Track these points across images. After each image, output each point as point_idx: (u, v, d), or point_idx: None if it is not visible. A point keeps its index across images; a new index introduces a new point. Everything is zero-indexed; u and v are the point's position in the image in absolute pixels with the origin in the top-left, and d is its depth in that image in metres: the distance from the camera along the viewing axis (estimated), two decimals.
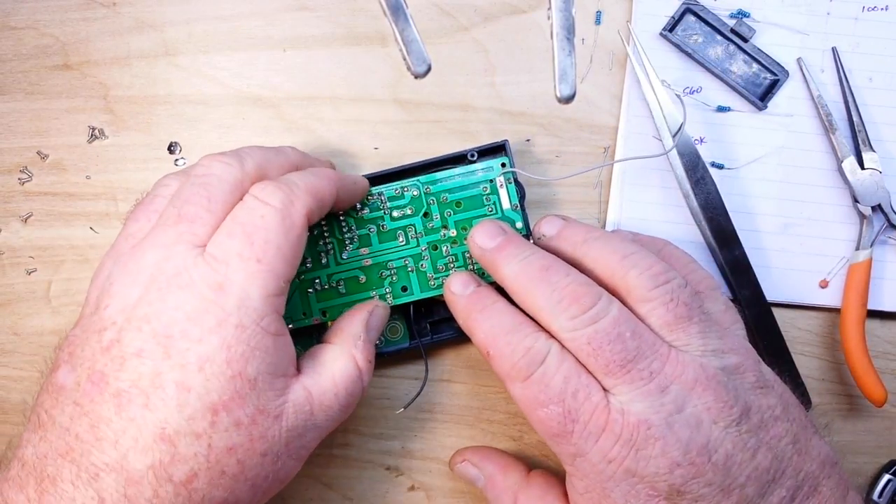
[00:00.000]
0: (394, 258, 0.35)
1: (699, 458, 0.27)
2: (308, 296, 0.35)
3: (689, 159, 0.37)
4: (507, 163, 0.35)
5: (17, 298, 0.38)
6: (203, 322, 0.27)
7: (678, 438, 0.27)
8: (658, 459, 0.27)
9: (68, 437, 0.26)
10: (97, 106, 0.38)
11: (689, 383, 0.28)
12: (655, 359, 0.28)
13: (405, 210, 0.35)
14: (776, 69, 0.38)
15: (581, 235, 0.32)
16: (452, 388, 0.38)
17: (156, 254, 0.28)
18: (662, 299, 0.29)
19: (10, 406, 0.38)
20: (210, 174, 0.29)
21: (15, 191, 0.38)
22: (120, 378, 0.26)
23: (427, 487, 0.38)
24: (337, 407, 0.30)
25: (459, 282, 0.33)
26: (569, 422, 0.28)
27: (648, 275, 0.30)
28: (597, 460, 0.28)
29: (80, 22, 0.38)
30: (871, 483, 0.38)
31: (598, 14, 0.39)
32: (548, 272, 0.30)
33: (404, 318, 0.36)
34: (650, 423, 0.28)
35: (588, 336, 0.28)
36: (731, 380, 0.29)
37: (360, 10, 0.39)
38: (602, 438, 0.28)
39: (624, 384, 0.28)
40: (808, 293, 0.38)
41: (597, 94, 0.39)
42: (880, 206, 0.37)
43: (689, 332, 0.29)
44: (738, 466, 0.28)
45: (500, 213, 0.36)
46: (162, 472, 0.26)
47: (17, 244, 0.38)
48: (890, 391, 0.37)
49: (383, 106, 0.39)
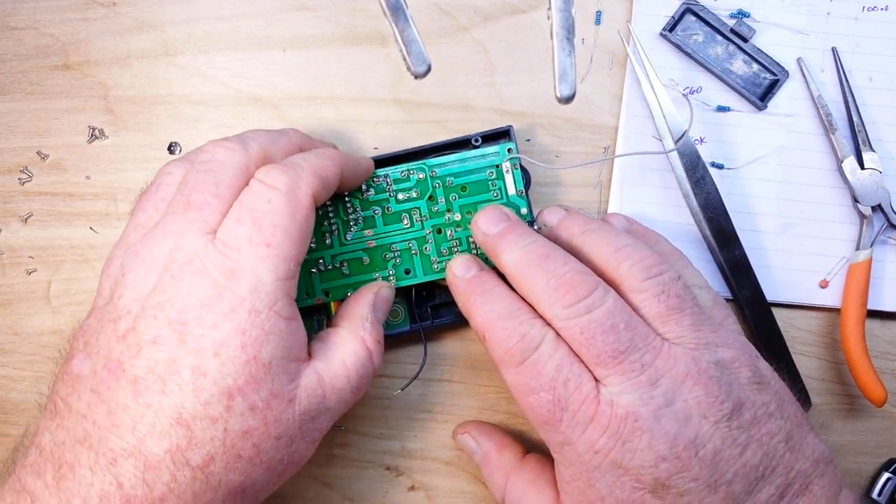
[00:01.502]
0: (398, 241, 0.35)
1: (686, 453, 0.27)
2: (311, 276, 0.35)
3: (689, 159, 0.37)
4: (512, 148, 0.36)
5: (17, 298, 0.38)
6: (217, 308, 0.27)
7: (665, 432, 0.27)
8: (644, 452, 0.27)
9: (86, 424, 0.27)
10: (97, 106, 0.38)
11: (680, 377, 0.28)
12: (647, 351, 0.28)
13: (410, 193, 0.35)
14: (776, 69, 0.38)
15: (579, 226, 0.32)
16: (452, 388, 0.38)
17: (167, 242, 0.28)
18: (654, 290, 0.30)
19: (11, 406, 0.38)
20: (215, 160, 0.30)
21: (15, 191, 0.38)
22: (136, 365, 0.27)
23: (427, 487, 0.38)
24: (349, 389, 0.30)
25: (462, 265, 0.33)
26: (558, 410, 0.28)
27: (641, 266, 0.30)
28: (583, 450, 0.28)
29: (80, 22, 0.38)
30: (870, 482, 0.38)
31: (598, 14, 0.39)
32: (547, 260, 0.30)
33: (406, 302, 0.37)
34: (638, 416, 0.28)
35: (582, 325, 0.29)
36: (723, 374, 0.29)
37: (360, 10, 0.39)
38: (589, 429, 0.28)
39: (615, 375, 0.28)
40: (808, 293, 0.38)
41: (597, 94, 0.39)
42: (880, 206, 0.37)
43: (681, 324, 0.29)
44: (726, 462, 0.28)
45: (506, 198, 0.36)
46: (179, 456, 0.26)
47: (17, 244, 0.38)
48: (890, 391, 0.37)
49: (383, 106, 0.39)
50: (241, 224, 0.28)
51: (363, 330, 0.31)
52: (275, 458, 0.28)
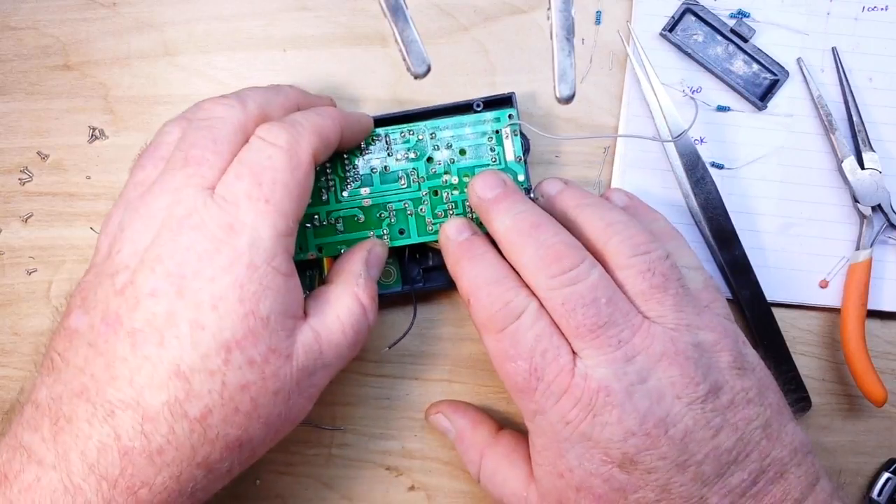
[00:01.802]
0: (394, 200, 0.35)
1: (655, 430, 0.28)
2: (306, 230, 0.35)
3: (689, 159, 0.37)
4: (513, 114, 0.36)
5: (18, 298, 0.38)
6: (215, 262, 0.27)
7: (636, 408, 0.28)
8: (613, 427, 0.28)
9: (83, 377, 0.27)
10: (97, 106, 0.38)
11: (656, 355, 0.28)
12: (626, 328, 0.29)
13: (409, 153, 0.36)
14: (776, 69, 0.38)
15: (575, 200, 0.32)
16: (452, 388, 0.38)
17: (166, 198, 0.28)
18: (639, 268, 0.30)
19: (11, 406, 0.38)
20: (213, 117, 0.30)
21: (15, 191, 0.38)
22: (134, 318, 0.27)
23: (427, 487, 0.38)
24: (345, 344, 0.30)
25: (455, 227, 0.33)
26: (533, 379, 0.29)
27: (630, 244, 0.30)
28: (555, 420, 0.29)
29: (81, 22, 0.38)
30: (870, 482, 0.38)
31: (598, 14, 0.39)
32: (537, 229, 0.30)
33: (398, 262, 0.37)
34: (610, 390, 0.28)
35: (564, 296, 0.29)
36: (702, 357, 0.29)
37: (360, 10, 0.39)
38: (562, 400, 0.28)
39: (591, 349, 0.28)
40: (808, 293, 0.38)
41: (597, 94, 0.39)
42: (880, 206, 0.37)
43: (663, 303, 0.29)
44: (697, 444, 0.28)
45: (504, 163, 0.36)
46: (177, 408, 0.26)
47: (17, 244, 0.38)
48: (890, 391, 0.37)
49: (383, 106, 0.38)
50: (241, 179, 0.28)
51: (357, 286, 0.31)
52: (272, 414, 0.28)
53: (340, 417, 0.38)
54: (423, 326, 0.38)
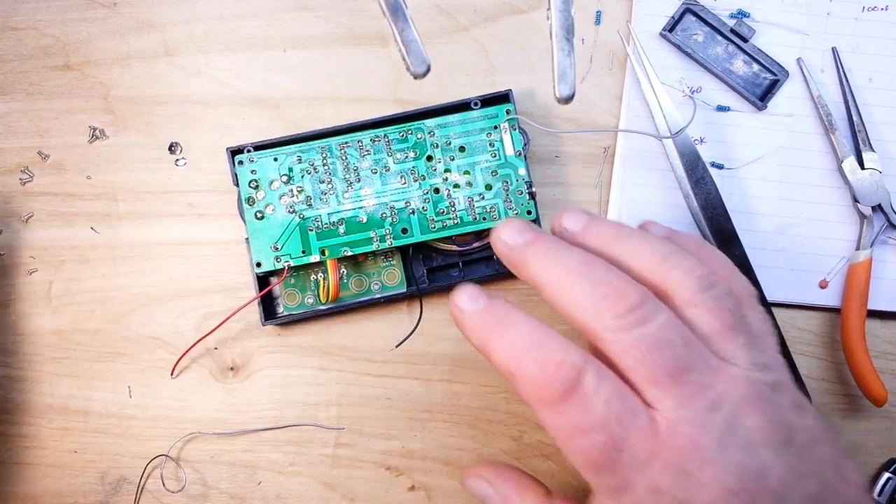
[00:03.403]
0: (395, 200, 0.36)
1: (755, 485, 0.24)
2: (308, 234, 0.35)
3: (689, 159, 0.37)
4: (511, 109, 0.36)
5: (18, 298, 0.38)
6: None
7: (732, 462, 0.24)
8: (711, 487, 0.24)
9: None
10: (97, 106, 0.38)
11: (740, 401, 0.25)
12: (707, 372, 0.25)
13: (409, 153, 0.36)
14: (776, 69, 0.38)
15: (613, 232, 0.28)
16: (452, 388, 0.38)
17: None
18: (708, 305, 0.26)
19: (11, 406, 0.38)
20: None
21: (16, 191, 0.38)
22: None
23: (427, 487, 0.38)
24: None
25: (467, 296, 0.28)
26: (614, 451, 0.24)
27: (693, 277, 0.27)
28: (644, 493, 0.25)
29: (81, 22, 0.38)
30: (871, 482, 0.38)
31: (598, 14, 0.39)
32: (588, 267, 0.26)
33: (403, 263, 0.37)
34: (699, 445, 0.24)
35: (635, 338, 0.25)
36: (775, 397, 0.26)
37: (360, 10, 0.39)
38: (651, 467, 0.24)
39: (670, 398, 0.25)
40: (808, 293, 0.38)
41: (597, 94, 0.39)
42: (880, 206, 0.37)
43: (736, 342, 0.26)
44: (792, 492, 0.24)
45: (504, 158, 0.36)
46: None
47: (17, 244, 0.38)
48: (890, 391, 0.37)
49: (383, 106, 0.39)
50: None
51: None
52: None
53: (341, 417, 0.38)
54: (424, 326, 0.38)
